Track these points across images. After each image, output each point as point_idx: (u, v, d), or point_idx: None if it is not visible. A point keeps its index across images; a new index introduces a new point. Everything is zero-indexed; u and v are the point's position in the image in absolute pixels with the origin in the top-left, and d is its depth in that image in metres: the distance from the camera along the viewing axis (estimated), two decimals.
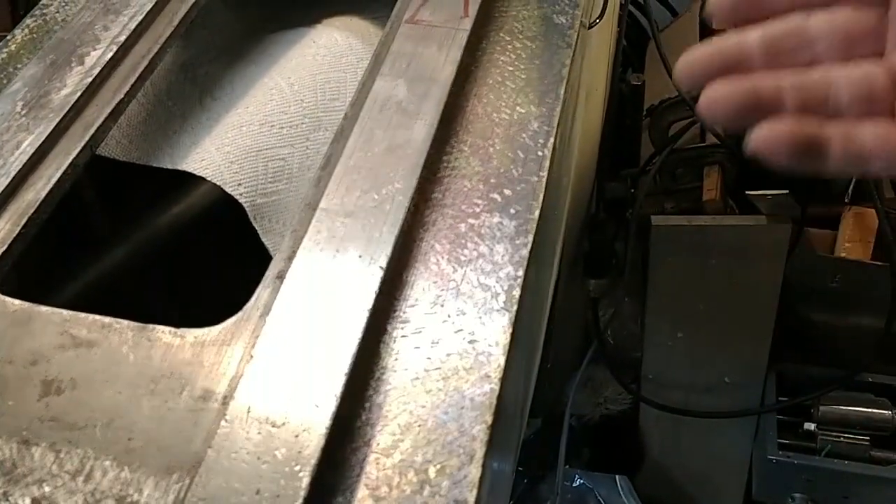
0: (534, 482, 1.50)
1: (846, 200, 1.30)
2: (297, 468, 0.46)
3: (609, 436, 1.55)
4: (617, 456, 1.54)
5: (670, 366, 1.43)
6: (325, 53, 0.87)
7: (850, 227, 1.30)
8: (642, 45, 1.71)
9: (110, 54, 0.69)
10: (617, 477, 1.45)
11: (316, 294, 0.55)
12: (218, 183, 0.73)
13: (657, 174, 1.38)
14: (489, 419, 0.52)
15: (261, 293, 0.56)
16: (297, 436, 0.48)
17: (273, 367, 0.51)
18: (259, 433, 0.48)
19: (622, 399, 1.53)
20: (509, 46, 0.74)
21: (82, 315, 0.55)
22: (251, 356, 0.51)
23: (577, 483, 1.47)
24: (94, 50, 0.70)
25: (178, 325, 0.55)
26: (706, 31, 1.56)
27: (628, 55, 1.71)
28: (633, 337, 1.46)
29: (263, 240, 0.75)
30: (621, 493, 1.48)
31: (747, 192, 1.22)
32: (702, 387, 1.43)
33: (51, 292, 0.75)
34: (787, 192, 1.18)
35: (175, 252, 0.79)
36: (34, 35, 0.76)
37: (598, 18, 1.00)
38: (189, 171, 0.73)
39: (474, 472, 0.50)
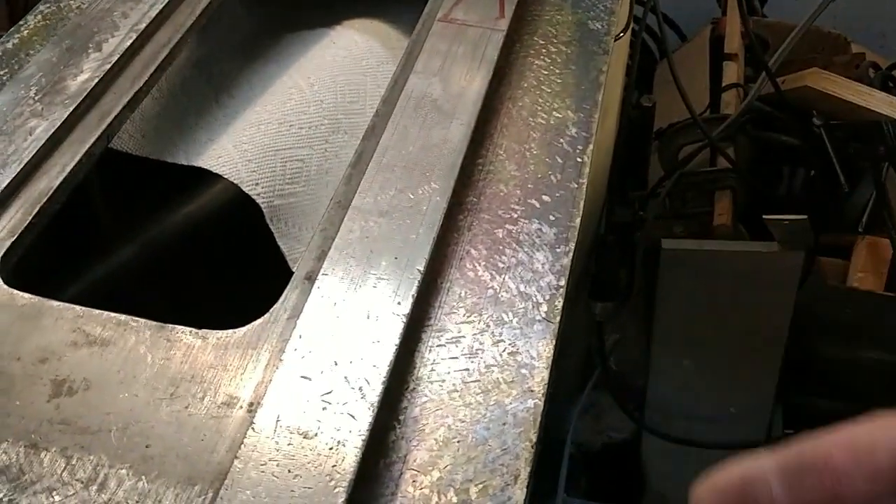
0: None
1: (860, 230, 1.28)
2: (332, 484, 0.43)
3: (610, 465, 1.51)
4: (617, 485, 1.50)
5: (675, 394, 1.40)
6: (346, 55, 0.84)
7: (863, 257, 1.28)
8: (649, 69, 1.70)
9: (129, 42, 0.66)
10: None
11: (348, 297, 0.51)
12: (235, 181, 0.70)
13: (666, 198, 1.35)
14: (534, 436, 0.48)
15: (289, 295, 0.52)
16: (331, 448, 0.44)
17: (304, 373, 0.47)
18: (290, 444, 0.44)
19: (624, 427, 1.49)
20: (543, 50, 0.71)
21: (96, 311, 0.51)
22: (280, 361, 0.47)
23: None
24: (113, 37, 0.67)
25: (187, 326, 0.51)
26: (715, 57, 1.55)
27: (636, 78, 1.69)
28: (638, 363, 1.43)
29: (279, 243, 0.71)
30: None
31: (764, 217, 1.19)
32: (707, 417, 1.39)
33: (60, 287, 0.71)
34: (804, 217, 1.16)
35: (188, 251, 0.75)
36: (48, 21, 0.72)
37: (621, 32, 0.98)
38: (205, 167, 0.70)
39: (519, 493, 0.46)
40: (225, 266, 0.81)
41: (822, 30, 1.55)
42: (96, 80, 0.63)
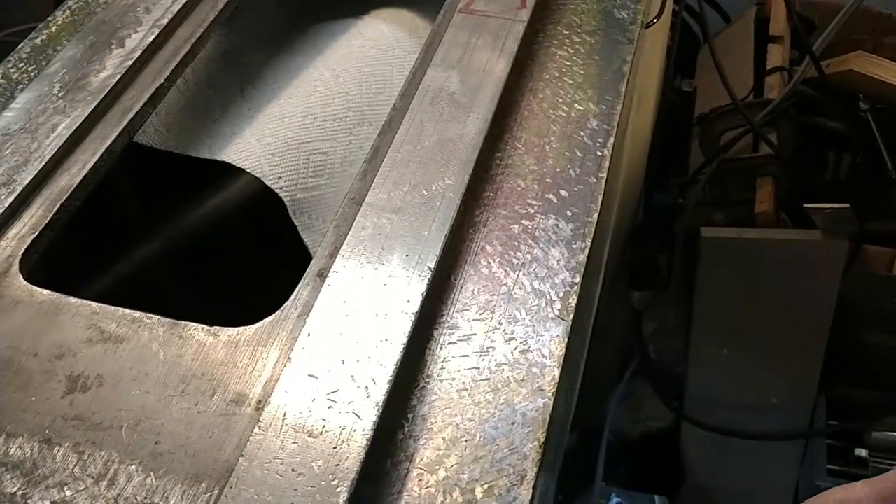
0: (568, 499, 1.45)
1: None
2: (335, 482, 0.43)
3: (648, 454, 1.50)
4: (656, 475, 1.48)
5: (715, 384, 1.38)
6: (372, 46, 0.84)
7: None
8: (693, 52, 1.66)
9: (151, 37, 0.67)
10: (656, 497, 1.40)
11: (359, 295, 0.51)
12: (258, 175, 0.70)
13: (707, 184, 1.33)
14: (542, 436, 0.48)
15: (300, 292, 0.52)
16: (335, 447, 0.44)
17: (311, 371, 0.47)
18: (294, 443, 0.44)
19: (663, 416, 1.48)
20: (567, 41, 0.70)
21: (112, 308, 0.52)
22: (288, 359, 0.48)
23: (614, 502, 1.42)
24: (136, 32, 0.67)
25: (210, 322, 0.52)
26: (760, 39, 1.51)
27: (678, 61, 1.66)
28: (677, 352, 1.41)
29: (303, 236, 0.72)
30: None
31: (805, 205, 1.17)
32: (748, 407, 1.37)
33: (82, 283, 0.72)
34: (847, 205, 1.13)
35: (211, 245, 0.76)
36: (75, 17, 0.73)
37: (654, 18, 0.96)
38: (228, 161, 0.70)
39: (525, 493, 0.46)
40: (251, 259, 0.82)
41: (871, 10, 1.50)
42: (118, 77, 0.63)
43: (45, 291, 0.53)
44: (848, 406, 1.36)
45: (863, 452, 1.32)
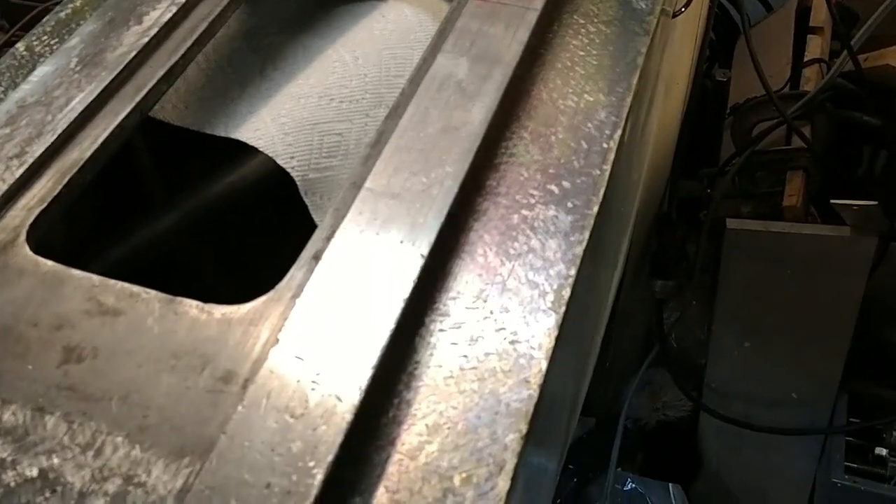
0: (583, 482, 1.46)
1: None
2: (312, 464, 0.44)
3: (665, 442, 1.50)
4: (672, 464, 1.48)
5: (735, 376, 1.37)
6: (394, 28, 0.84)
7: None
8: (731, 40, 1.64)
9: (169, 15, 0.67)
10: (670, 485, 1.40)
11: (351, 278, 0.52)
12: (270, 154, 0.71)
13: (736, 176, 1.32)
14: (524, 428, 0.48)
15: (294, 273, 0.53)
16: (315, 429, 0.45)
17: (298, 352, 0.48)
18: (276, 423, 0.45)
19: (681, 406, 1.48)
20: (582, 30, 0.70)
21: (112, 282, 0.53)
22: (276, 340, 0.49)
23: (629, 487, 1.42)
24: (154, 10, 0.68)
25: (220, 299, 0.53)
26: (801, 30, 1.48)
27: (716, 50, 1.64)
28: (698, 343, 1.40)
29: (314, 216, 0.72)
30: (673, 501, 1.43)
31: (832, 201, 1.15)
32: (767, 400, 1.36)
33: (100, 254, 0.74)
34: (875, 203, 1.11)
35: (225, 222, 0.77)
36: None
37: (683, 7, 0.95)
38: (242, 140, 0.71)
39: (502, 484, 0.46)
40: (263, 237, 0.83)
41: None
42: (134, 53, 0.64)
43: (50, 262, 0.54)
44: (870, 404, 1.35)
45: (882, 451, 1.30)
